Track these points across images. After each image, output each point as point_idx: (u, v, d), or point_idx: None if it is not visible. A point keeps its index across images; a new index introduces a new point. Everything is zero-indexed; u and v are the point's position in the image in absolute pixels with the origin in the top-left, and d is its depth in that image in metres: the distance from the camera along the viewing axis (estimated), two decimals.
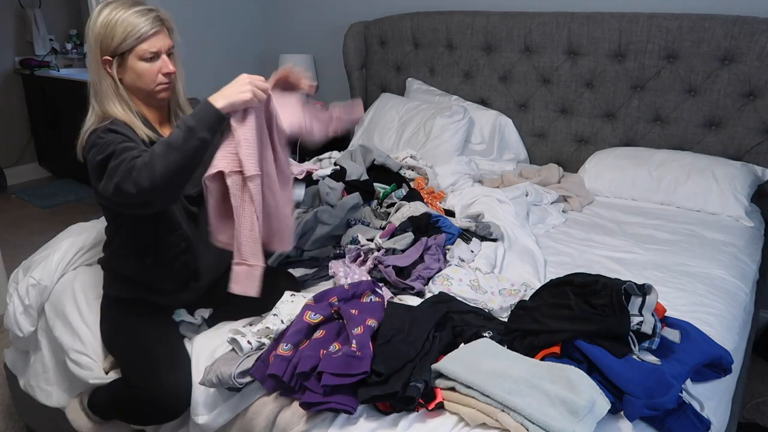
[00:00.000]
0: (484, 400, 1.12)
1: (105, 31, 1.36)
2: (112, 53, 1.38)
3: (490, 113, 2.85)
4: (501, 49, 2.82)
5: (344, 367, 1.18)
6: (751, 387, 2.28)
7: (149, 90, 1.44)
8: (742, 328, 1.62)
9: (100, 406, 1.59)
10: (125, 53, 1.38)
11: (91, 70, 1.41)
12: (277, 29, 3.80)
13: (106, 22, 1.36)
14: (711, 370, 1.31)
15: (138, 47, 1.38)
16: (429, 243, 1.74)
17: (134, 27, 1.36)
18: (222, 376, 1.29)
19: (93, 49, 1.38)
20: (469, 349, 1.26)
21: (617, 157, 2.49)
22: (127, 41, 1.37)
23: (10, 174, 4.61)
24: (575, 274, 1.46)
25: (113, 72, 1.40)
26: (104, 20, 1.36)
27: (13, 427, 2.12)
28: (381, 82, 3.29)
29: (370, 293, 1.47)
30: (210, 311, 1.59)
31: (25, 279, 1.73)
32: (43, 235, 2.12)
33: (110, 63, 1.39)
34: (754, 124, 2.36)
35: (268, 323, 1.40)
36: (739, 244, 2.00)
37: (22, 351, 1.86)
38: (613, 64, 2.57)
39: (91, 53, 1.39)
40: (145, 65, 1.40)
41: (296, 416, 1.24)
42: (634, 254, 1.90)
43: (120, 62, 1.39)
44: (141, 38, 1.37)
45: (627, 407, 1.12)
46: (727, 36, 2.30)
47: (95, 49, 1.38)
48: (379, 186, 2.22)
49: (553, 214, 2.20)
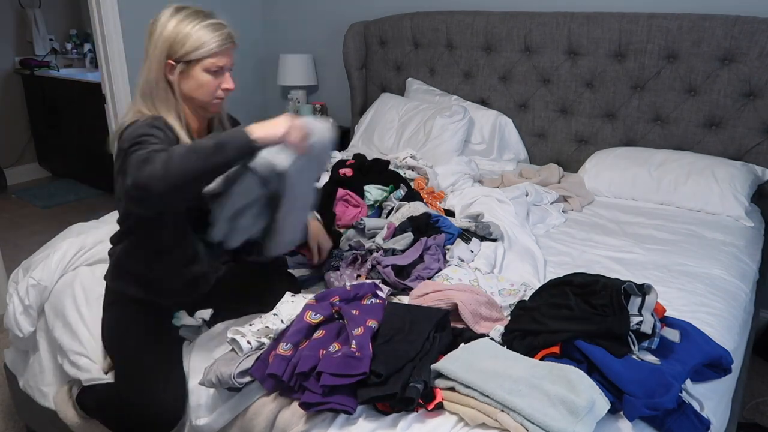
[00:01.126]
0: (484, 400, 1.12)
1: (176, 36, 1.37)
2: (177, 59, 1.39)
3: (490, 113, 2.86)
4: (501, 49, 2.82)
5: (343, 367, 1.18)
6: (751, 387, 2.28)
7: (206, 102, 1.46)
8: (742, 328, 1.62)
9: (89, 406, 1.58)
10: (192, 62, 1.40)
11: (148, 69, 1.41)
12: (277, 29, 3.80)
13: (179, 29, 1.37)
14: (711, 370, 1.31)
15: (207, 60, 1.40)
16: (429, 243, 1.74)
17: (207, 40, 1.39)
18: (222, 376, 1.29)
19: (159, 50, 1.38)
20: (469, 349, 1.25)
21: (617, 157, 2.49)
22: (199, 51, 1.38)
23: (10, 174, 4.61)
24: (575, 274, 1.46)
25: (174, 77, 1.41)
26: (177, 27, 1.37)
27: (13, 427, 2.12)
28: (381, 82, 3.29)
29: (372, 296, 1.47)
30: (210, 312, 1.59)
31: (25, 279, 1.73)
32: (43, 235, 2.13)
33: (173, 67, 1.40)
34: (754, 124, 2.36)
35: (267, 323, 1.40)
36: (739, 244, 2.00)
37: (21, 351, 1.86)
38: (613, 64, 2.57)
39: (154, 53, 1.39)
40: (208, 78, 1.42)
41: (296, 416, 1.24)
42: (634, 254, 1.90)
43: (183, 69, 1.40)
44: (211, 52, 1.40)
45: (626, 407, 1.12)
46: (727, 36, 2.30)
47: (161, 51, 1.38)
48: (376, 187, 2.21)
49: (553, 214, 2.20)
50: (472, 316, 1.40)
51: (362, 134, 3.08)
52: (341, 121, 3.67)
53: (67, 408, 1.62)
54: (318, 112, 3.63)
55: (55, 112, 4.43)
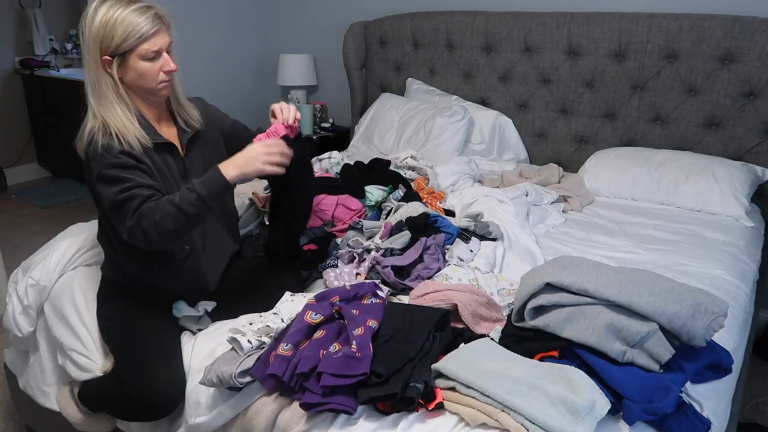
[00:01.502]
0: (484, 400, 1.12)
1: (104, 31, 1.34)
2: (112, 53, 1.36)
3: (490, 113, 2.86)
4: (501, 49, 2.82)
5: (344, 367, 1.18)
6: (751, 387, 2.28)
7: (151, 88, 1.43)
8: (742, 328, 1.62)
9: (91, 399, 1.58)
10: (126, 53, 1.37)
11: (89, 69, 1.39)
12: (277, 29, 3.80)
13: (105, 21, 1.34)
14: (711, 371, 1.31)
15: (140, 47, 1.37)
16: (428, 243, 1.74)
17: (135, 26, 1.34)
18: (222, 375, 1.29)
19: (92, 49, 1.36)
20: (469, 349, 1.26)
21: (617, 157, 2.49)
22: (128, 41, 1.35)
23: (10, 174, 4.61)
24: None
25: (113, 72, 1.38)
26: (103, 19, 1.34)
27: (13, 427, 2.12)
28: (381, 82, 3.29)
29: (372, 295, 1.47)
30: (214, 304, 1.59)
31: (24, 279, 1.73)
32: (43, 235, 2.13)
33: (110, 63, 1.38)
34: (754, 124, 2.36)
35: (268, 322, 1.40)
36: (739, 244, 2.00)
37: (21, 351, 1.86)
38: (613, 64, 2.57)
39: (89, 53, 1.37)
40: (147, 64, 1.39)
41: (296, 416, 1.24)
42: (634, 254, 1.89)
43: (120, 62, 1.38)
44: (142, 38, 1.36)
45: (625, 412, 1.12)
46: (727, 36, 2.30)
47: (94, 49, 1.36)
48: (377, 188, 2.22)
49: (553, 214, 2.20)
50: (471, 317, 1.40)
51: (362, 134, 3.08)
52: (341, 121, 3.67)
53: (71, 407, 1.62)
54: (318, 112, 3.64)
55: (55, 112, 4.43)
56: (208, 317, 1.58)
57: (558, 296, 1.27)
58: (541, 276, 1.31)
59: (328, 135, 3.53)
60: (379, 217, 2.10)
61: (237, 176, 1.36)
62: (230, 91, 3.67)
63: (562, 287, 1.28)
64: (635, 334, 1.19)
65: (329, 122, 3.66)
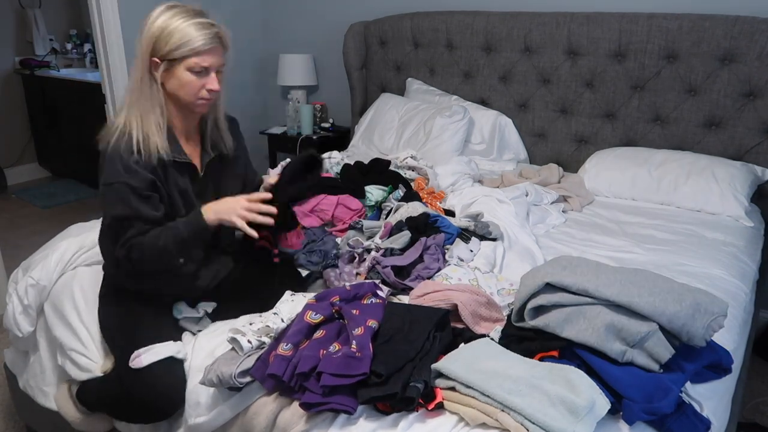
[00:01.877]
0: (484, 400, 1.12)
1: (161, 34, 1.37)
2: (162, 57, 1.39)
3: (490, 113, 2.86)
4: (501, 49, 2.82)
5: (344, 367, 1.18)
6: (751, 387, 2.28)
7: (189, 102, 1.45)
8: (742, 328, 1.62)
9: (90, 399, 1.58)
10: (175, 60, 1.39)
11: (135, 67, 1.41)
12: (277, 29, 3.80)
13: (165, 26, 1.37)
14: (711, 371, 1.31)
15: (190, 59, 1.39)
16: (428, 243, 1.74)
17: (192, 38, 1.37)
18: (223, 375, 1.29)
19: (144, 47, 1.39)
20: (469, 349, 1.26)
21: (617, 157, 2.49)
22: (181, 50, 1.38)
23: (10, 174, 4.61)
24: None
25: (158, 75, 1.41)
26: (163, 23, 1.37)
27: (13, 427, 2.12)
28: (381, 82, 3.29)
29: (372, 295, 1.47)
30: (213, 305, 1.59)
31: (24, 279, 1.73)
32: (43, 235, 2.12)
33: (158, 65, 1.40)
34: (754, 124, 2.36)
35: (268, 322, 1.40)
36: (739, 244, 2.00)
37: (21, 351, 1.86)
38: (613, 64, 2.57)
39: (142, 50, 1.40)
40: (191, 77, 1.41)
41: (296, 416, 1.24)
42: (634, 254, 1.89)
43: (167, 67, 1.40)
44: (195, 51, 1.39)
45: (625, 412, 1.12)
46: (727, 36, 2.30)
47: (147, 48, 1.39)
48: (377, 188, 2.22)
49: (553, 214, 2.20)
50: (471, 317, 1.40)
51: (362, 134, 3.08)
52: (341, 121, 3.67)
53: (68, 406, 1.62)
54: (318, 112, 3.63)
55: (55, 112, 4.43)
56: (208, 318, 1.58)
57: (558, 296, 1.27)
58: (541, 276, 1.31)
59: (328, 135, 3.53)
60: (379, 217, 2.10)
61: (214, 221, 1.43)
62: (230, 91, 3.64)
63: (562, 287, 1.28)
64: (635, 334, 1.19)
65: (329, 122, 3.66)
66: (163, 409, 1.39)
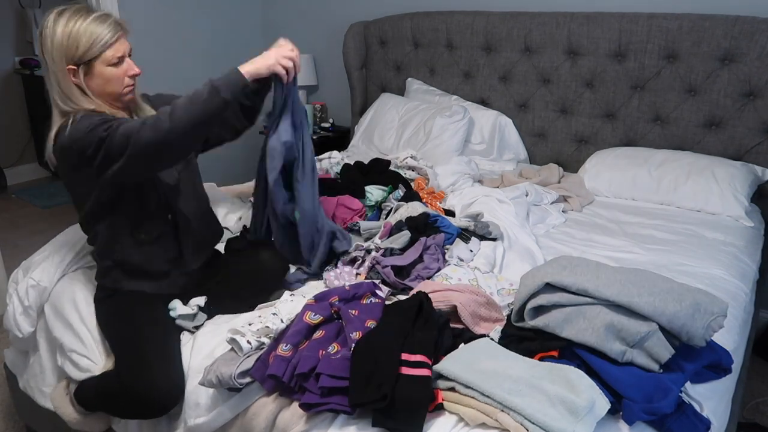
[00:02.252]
0: (484, 400, 1.12)
1: (68, 41, 1.39)
2: (77, 62, 1.41)
3: (490, 113, 2.85)
4: (501, 49, 2.82)
5: (342, 369, 1.18)
6: (751, 387, 2.28)
7: (118, 93, 1.48)
8: (742, 328, 1.62)
9: (88, 397, 1.58)
10: (91, 61, 1.42)
11: (57, 81, 1.42)
12: (277, 29, 3.80)
13: (68, 32, 1.39)
14: (711, 371, 1.31)
15: (104, 54, 1.42)
16: (428, 243, 1.74)
17: (98, 35, 1.40)
18: (222, 376, 1.29)
19: (57, 60, 1.40)
20: (468, 350, 1.26)
21: (617, 157, 2.49)
22: (93, 49, 1.40)
23: (10, 174, 4.61)
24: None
25: (80, 80, 1.43)
26: (65, 30, 1.39)
27: (13, 427, 2.12)
28: (381, 82, 3.29)
29: (371, 295, 1.47)
30: (204, 299, 1.60)
31: (25, 280, 1.73)
32: (43, 235, 2.13)
33: (75, 72, 1.42)
34: (754, 124, 2.36)
35: (267, 323, 1.40)
36: (739, 244, 2.00)
37: (21, 351, 1.86)
38: (613, 64, 2.57)
39: (54, 65, 1.41)
40: (112, 70, 1.45)
41: (296, 416, 1.24)
42: (634, 254, 1.89)
43: (86, 70, 1.43)
44: (106, 44, 1.42)
45: (625, 412, 1.12)
46: (727, 36, 2.30)
47: (59, 60, 1.40)
48: (377, 188, 2.22)
49: (553, 214, 2.20)
50: (471, 318, 1.40)
51: (362, 134, 3.08)
52: (341, 121, 3.67)
53: (65, 404, 1.62)
54: (318, 112, 3.64)
55: None
56: (203, 313, 1.58)
57: (558, 296, 1.27)
58: (540, 276, 1.31)
59: (328, 135, 3.53)
60: (379, 217, 2.10)
61: (250, 71, 1.44)
62: None
63: (562, 287, 1.28)
64: (635, 334, 1.19)
65: (329, 122, 3.66)
66: (161, 403, 1.39)
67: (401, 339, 1.25)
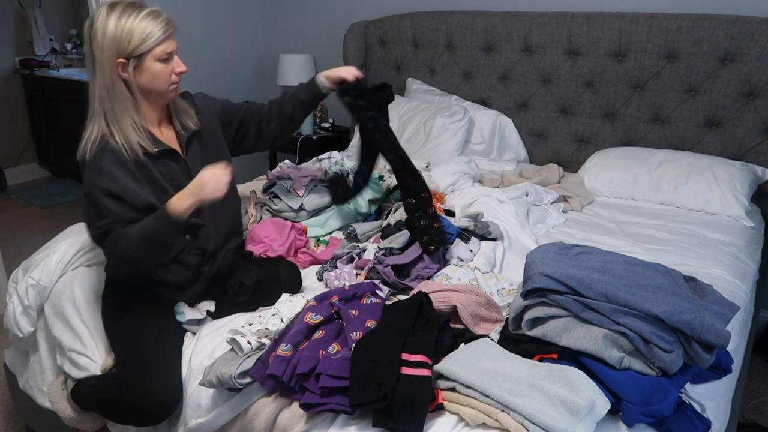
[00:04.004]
0: (484, 401, 1.12)
1: (121, 34, 1.39)
2: (128, 56, 1.41)
3: (490, 113, 2.85)
4: (501, 49, 2.82)
5: (342, 369, 1.18)
6: (751, 387, 2.28)
7: (163, 90, 1.49)
8: (742, 328, 1.62)
9: (85, 397, 1.58)
10: (142, 55, 1.42)
11: (101, 74, 1.41)
12: (277, 29, 3.80)
13: (121, 25, 1.39)
14: (711, 371, 1.31)
15: (156, 49, 1.43)
16: None
17: (152, 29, 1.41)
18: (222, 376, 1.29)
19: (107, 53, 1.39)
20: (468, 350, 1.25)
21: (617, 157, 2.49)
22: (146, 43, 1.41)
23: (10, 174, 4.61)
24: None
25: (129, 74, 1.42)
26: (118, 24, 1.39)
27: (13, 427, 2.12)
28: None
29: (371, 295, 1.47)
30: (213, 303, 1.60)
31: (25, 279, 1.73)
32: (43, 235, 2.13)
33: (125, 66, 1.41)
34: (754, 124, 2.36)
35: (267, 323, 1.40)
36: (739, 244, 2.00)
37: (21, 351, 1.86)
38: (613, 64, 2.57)
39: (103, 57, 1.40)
40: (161, 66, 1.45)
41: (296, 416, 1.24)
42: (634, 254, 1.89)
43: (136, 64, 1.42)
44: (158, 40, 1.42)
45: (624, 414, 1.12)
46: (727, 36, 2.30)
47: (109, 53, 1.39)
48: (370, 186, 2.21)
49: (553, 214, 2.20)
50: (471, 318, 1.40)
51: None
52: (341, 121, 3.67)
53: (61, 401, 1.62)
54: (318, 112, 3.63)
55: (55, 112, 4.43)
56: (210, 317, 1.58)
57: (553, 310, 1.26)
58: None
59: (328, 135, 3.53)
60: (378, 218, 2.10)
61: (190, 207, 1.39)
62: (230, 91, 3.66)
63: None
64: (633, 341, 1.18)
65: (329, 122, 3.66)
66: (160, 411, 1.39)
67: (401, 339, 1.24)
